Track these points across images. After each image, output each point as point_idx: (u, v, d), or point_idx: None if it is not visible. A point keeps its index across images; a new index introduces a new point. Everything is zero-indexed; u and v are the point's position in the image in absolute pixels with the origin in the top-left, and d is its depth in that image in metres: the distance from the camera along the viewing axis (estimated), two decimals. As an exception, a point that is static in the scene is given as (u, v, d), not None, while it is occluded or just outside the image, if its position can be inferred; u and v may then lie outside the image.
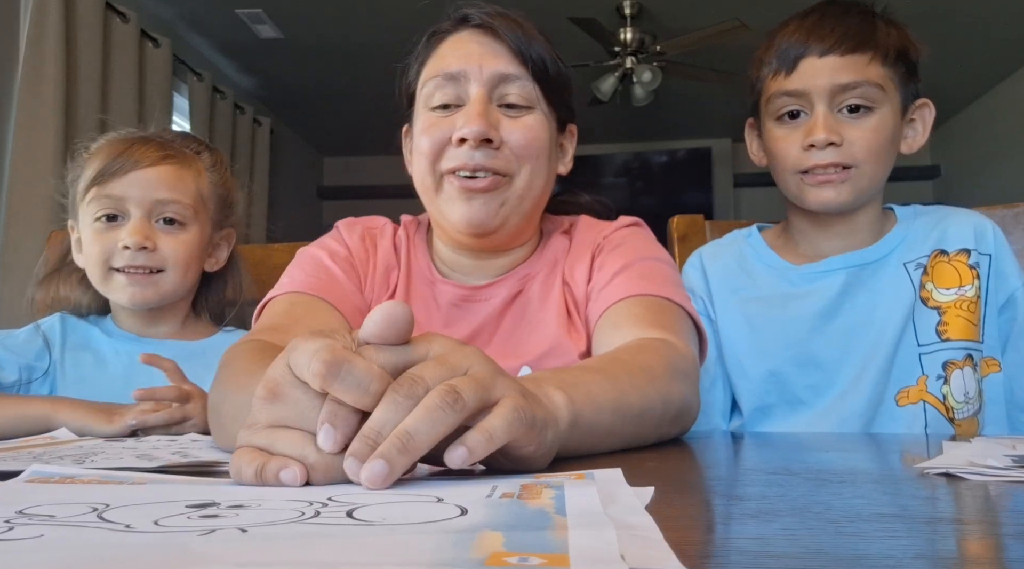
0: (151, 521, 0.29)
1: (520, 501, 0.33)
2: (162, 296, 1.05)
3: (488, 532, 0.27)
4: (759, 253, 1.07)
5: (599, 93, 4.01)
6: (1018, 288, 0.98)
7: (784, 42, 0.97)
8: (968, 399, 0.95)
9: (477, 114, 0.78)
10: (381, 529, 0.28)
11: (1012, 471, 0.43)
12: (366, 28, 3.78)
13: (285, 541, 0.26)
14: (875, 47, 0.94)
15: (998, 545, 0.29)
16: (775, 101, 0.98)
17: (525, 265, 0.89)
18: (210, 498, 0.34)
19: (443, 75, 0.81)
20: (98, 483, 0.39)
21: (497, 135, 0.79)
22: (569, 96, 0.88)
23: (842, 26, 0.95)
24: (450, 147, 0.80)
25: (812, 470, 0.47)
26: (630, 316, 0.76)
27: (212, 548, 0.25)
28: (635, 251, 0.85)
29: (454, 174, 0.80)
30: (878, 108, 0.95)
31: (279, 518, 0.30)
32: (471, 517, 0.29)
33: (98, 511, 0.31)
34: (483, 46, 0.81)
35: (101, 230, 1.03)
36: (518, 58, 0.81)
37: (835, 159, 0.94)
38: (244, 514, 0.30)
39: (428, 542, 0.25)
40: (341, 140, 5.54)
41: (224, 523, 0.29)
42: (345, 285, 0.85)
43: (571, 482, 0.37)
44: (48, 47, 2.73)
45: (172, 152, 1.06)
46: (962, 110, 5.05)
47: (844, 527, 0.31)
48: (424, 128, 0.82)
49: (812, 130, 0.94)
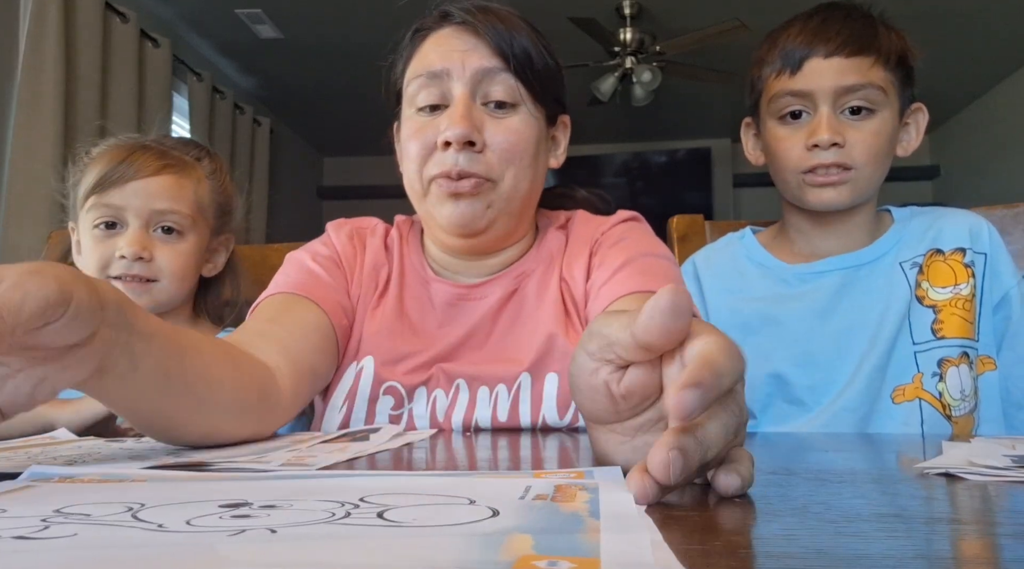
0: (183, 521, 0.29)
1: (553, 503, 0.32)
2: (157, 304, 1.06)
3: (518, 535, 0.26)
4: (753, 254, 1.07)
5: (599, 93, 4.02)
6: (1013, 287, 0.99)
7: (788, 43, 0.98)
8: (964, 396, 0.96)
9: (460, 116, 0.78)
10: (410, 531, 0.28)
11: (1011, 471, 0.43)
12: (366, 28, 3.78)
13: (313, 542, 0.26)
14: (878, 50, 0.95)
15: (998, 545, 0.29)
16: (778, 101, 0.99)
17: (520, 263, 0.89)
18: (243, 498, 0.34)
19: (426, 74, 0.81)
20: (98, 482, 0.39)
21: (480, 138, 0.79)
22: (559, 88, 0.87)
23: (847, 29, 0.95)
24: (436, 151, 0.79)
25: (812, 470, 0.47)
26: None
27: (240, 549, 0.25)
28: (635, 247, 0.84)
29: (440, 178, 0.80)
30: (879, 111, 0.96)
31: (309, 519, 0.29)
32: (502, 519, 0.29)
33: (133, 510, 0.31)
34: (465, 42, 0.81)
35: (100, 238, 1.04)
36: (499, 53, 0.80)
37: (837, 159, 0.95)
38: (275, 514, 0.30)
39: (456, 544, 0.25)
40: (341, 140, 5.55)
41: (254, 523, 0.29)
42: (327, 282, 0.85)
43: (606, 483, 0.36)
44: (48, 47, 2.73)
45: (171, 161, 1.06)
46: (961, 110, 5.05)
47: (844, 527, 0.31)
48: (410, 134, 0.82)
49: (816, 130, 0.95)
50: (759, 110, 1.04)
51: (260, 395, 0.65)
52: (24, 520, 0.29)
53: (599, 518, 0.29)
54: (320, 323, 0.81)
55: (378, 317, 0.86)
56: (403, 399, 0.82)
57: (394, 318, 0.86)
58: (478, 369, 0.82)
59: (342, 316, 0.84)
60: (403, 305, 0.88)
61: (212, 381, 0.58)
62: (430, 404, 0.82)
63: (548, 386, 0.80)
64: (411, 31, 0.86)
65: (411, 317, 0.87)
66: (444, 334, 0.85)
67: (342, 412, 0.82)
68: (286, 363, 0.72)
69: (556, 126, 0.89)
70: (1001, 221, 1.06)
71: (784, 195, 1.04)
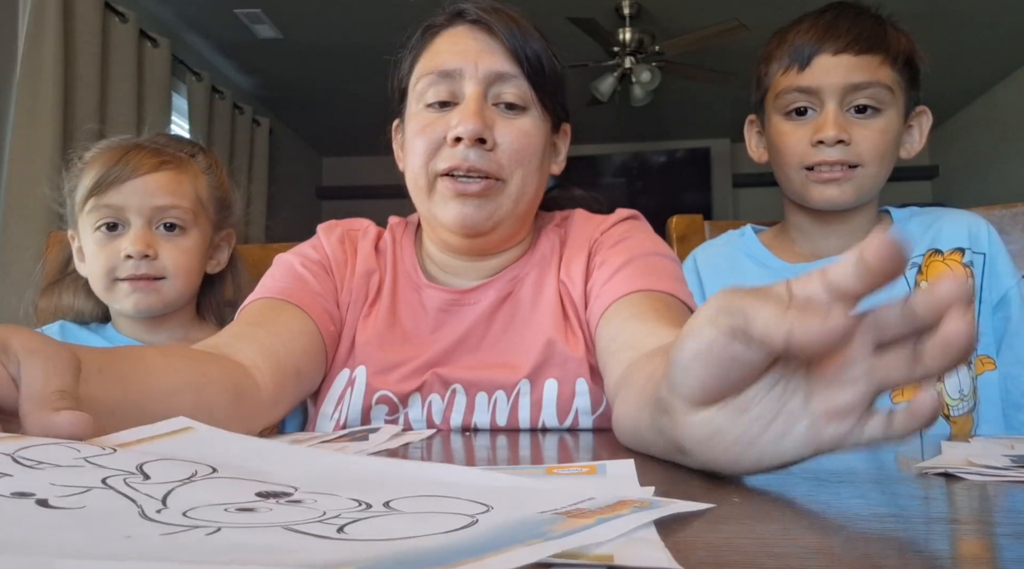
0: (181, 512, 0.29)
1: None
2: (166, 303, 1.06)
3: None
4: (753, 252, 1.07)
5: (598, 93, 4.02)
6: (1012, 287, 0.99)
7: (798, 39, 0.98)
8: (963, 396, 0.96)
9: (472, 113, 0.77)
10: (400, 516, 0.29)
11: (1011, 471, 0.43)
12: (366, 28, 3.78)
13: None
14: (886, 50, 0.96)
15: (997, 545, 0.29)
16: (785, 96, 0.99)
17: (514, 266, 0.87)
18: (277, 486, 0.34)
19: (438, 72, 0.80)
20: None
21: (491, 136, 0.78)
22: (564, 95, 0.86)
23: (856, 27, 0.96)
24: (445, 147, 0.78)
25: (811, 470, 0.47)
26: (651, 309, 0.74)
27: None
28: (636, 246, 0.84)
29: (448, 176, 0.78)
30: (885, 110, 0.96)
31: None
32: (480, 526, 0.29)
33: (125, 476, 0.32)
34: (479, 42, 0.80)
35: (103, 241, 1.03)
36: (513, 57, 0.80)
37: (842, 157, 0.96)
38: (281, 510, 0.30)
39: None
40: (340, 140, 5.54)
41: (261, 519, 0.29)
42: (315, 288, 0.84)
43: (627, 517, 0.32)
44: (47, 47, 2.73)
45: (168, 157, 1.06)
46: (961, 110, 5.05)
47: (843, 527, 0.31)
48: (419, 128, 0.80)
49: (822, 127, 0.96)
50: (764, 106, 1.04)
51: (235, 395, 0.64)
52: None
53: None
54: (307, 329, 0.80)
55: (370, 326, 0.85)
56: (397, 406, 0.81)
57: (386, 327, 0.85)
58: (475, 374, 0.81)
59: (329, 323, 0.83)
60: (395, 312, 0.86)
61: (169, 395, 0.56)
62: (426, 408, 0.81)
63: (548, 392, 0.80)
64: (421, 28, 0.85)
65: (403, 324, 0.86)
66: (437, 339, 0.84)
67: (333, 420, 0.82)
68: (266, 362, 0.71)
69: (558, 133, 0.89)
70: (1000, 221, 1.06)
71: (787, 193, 1.04)
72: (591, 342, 0.81)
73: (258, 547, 0.25)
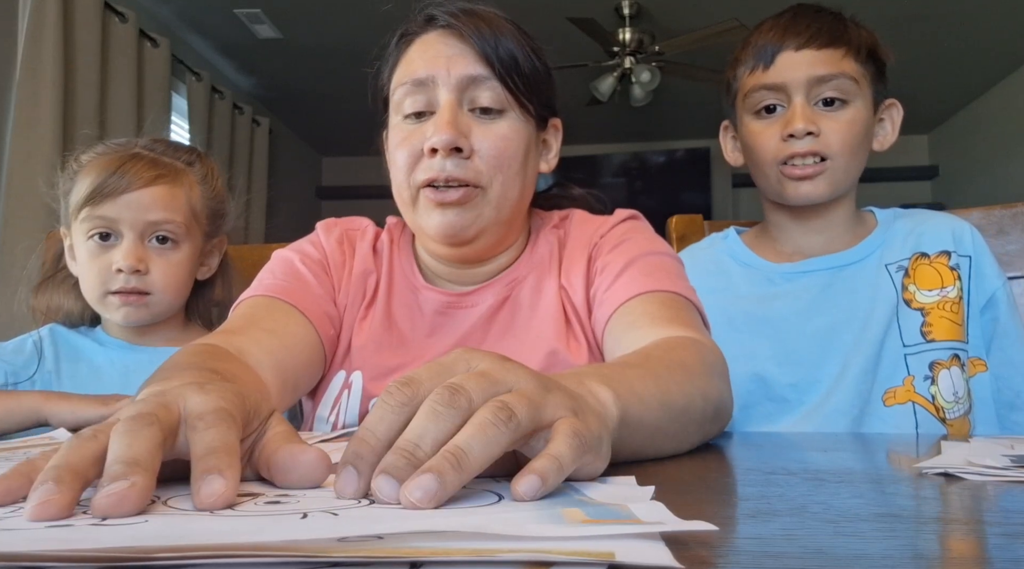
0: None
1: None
2: (155, 316, 1.07)
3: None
4: (737, 254, 1.08)
5: (598, 93, 4.02)
6: (998, 288, 1.00)
7: (761, 39, 1.01)
8: (958, 399, 0.96)
9: (446, 123, 0.76)
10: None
11: (1010, 471, 0.43)
12: (365, 28, 3.77)
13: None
14: (848, 43, 0.99)
15: (996, 545, 0.29)
16: (753, 96, 1.01)
17: (512, 269, 0.87)
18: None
19: (412, 81, 0.79)
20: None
21: (467, 143, 0.77)
22: (548, 91, 0.85)
23: (816, 23, 0.99)
24: (423, 158, 0.78)
25: (810, 470, 0.47)
26: (645, 314, 0.74)
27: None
28: (636, 248, 0.83)
29: (429, 186, 0.78)
30: (852, 102, 0.98)
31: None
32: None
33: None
34: (449, 47, 0.79)
35: (95, 252, 1.03)
36: (484, 59, 0.78)
37: (813, 147, 0.98)
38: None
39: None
40: (340, 140, 5.54)
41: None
42: (315, 289, 0.83)
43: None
44: (46, 47, 2.73)
45: (164, 170, 1.05)
46: (960, 110, 5.05)
47: (843, 527, 0.31)
48: (398, 141, 0.80)
49: (791, 121, 0.98)
50: (736, 110, 1.06)
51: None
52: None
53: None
54: (308, 336, 0.80)
55: (366, 329, 0.85)
56: None
57: (382, 330, 0.84)
58: None
59: (329, 326, 0.83)
60: (391, 315, 0.86)
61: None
62: None
63: None
64: (396, 36, 0.84)
65: (400, 327, 0.85)
66: (434, 343, 0.84)
67: (329, 423, 0.81)
68: (271, 370, 0.71)
69: (547, 130, 0.87)
70: (1000, 221, 1.07)
71: (764, 193, 1.06)
72: (596, 348, 0.81)
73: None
